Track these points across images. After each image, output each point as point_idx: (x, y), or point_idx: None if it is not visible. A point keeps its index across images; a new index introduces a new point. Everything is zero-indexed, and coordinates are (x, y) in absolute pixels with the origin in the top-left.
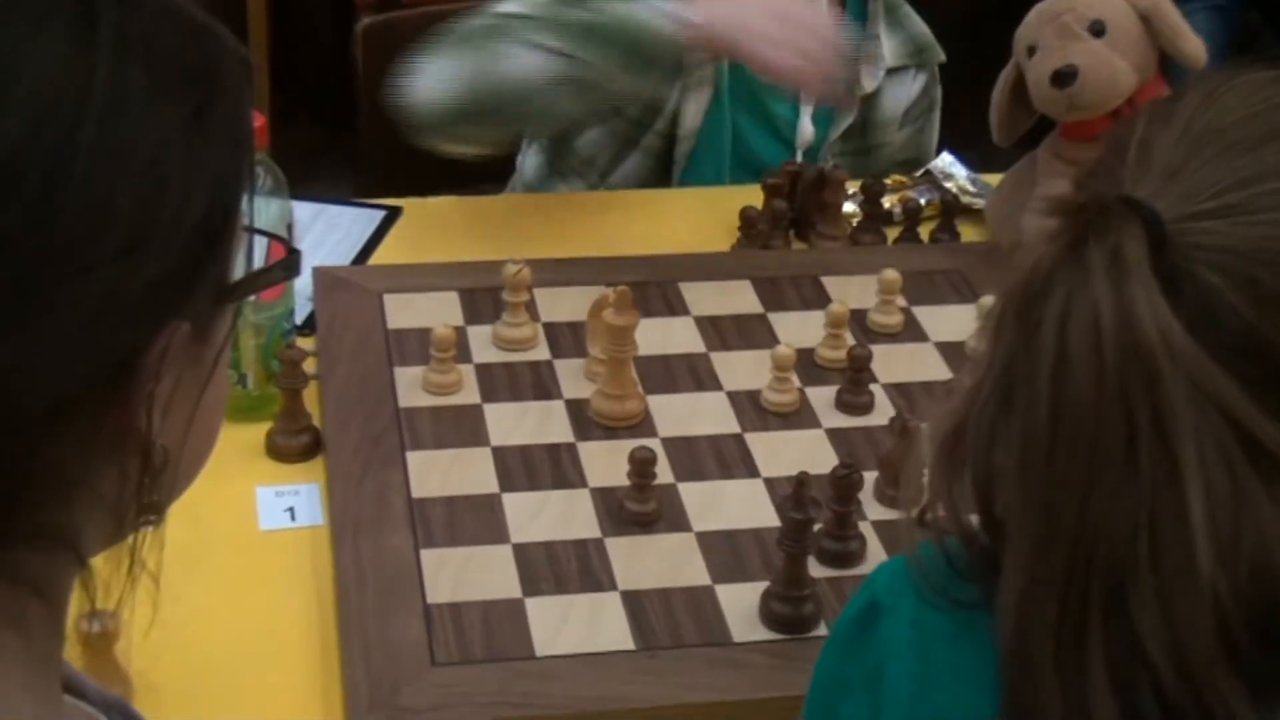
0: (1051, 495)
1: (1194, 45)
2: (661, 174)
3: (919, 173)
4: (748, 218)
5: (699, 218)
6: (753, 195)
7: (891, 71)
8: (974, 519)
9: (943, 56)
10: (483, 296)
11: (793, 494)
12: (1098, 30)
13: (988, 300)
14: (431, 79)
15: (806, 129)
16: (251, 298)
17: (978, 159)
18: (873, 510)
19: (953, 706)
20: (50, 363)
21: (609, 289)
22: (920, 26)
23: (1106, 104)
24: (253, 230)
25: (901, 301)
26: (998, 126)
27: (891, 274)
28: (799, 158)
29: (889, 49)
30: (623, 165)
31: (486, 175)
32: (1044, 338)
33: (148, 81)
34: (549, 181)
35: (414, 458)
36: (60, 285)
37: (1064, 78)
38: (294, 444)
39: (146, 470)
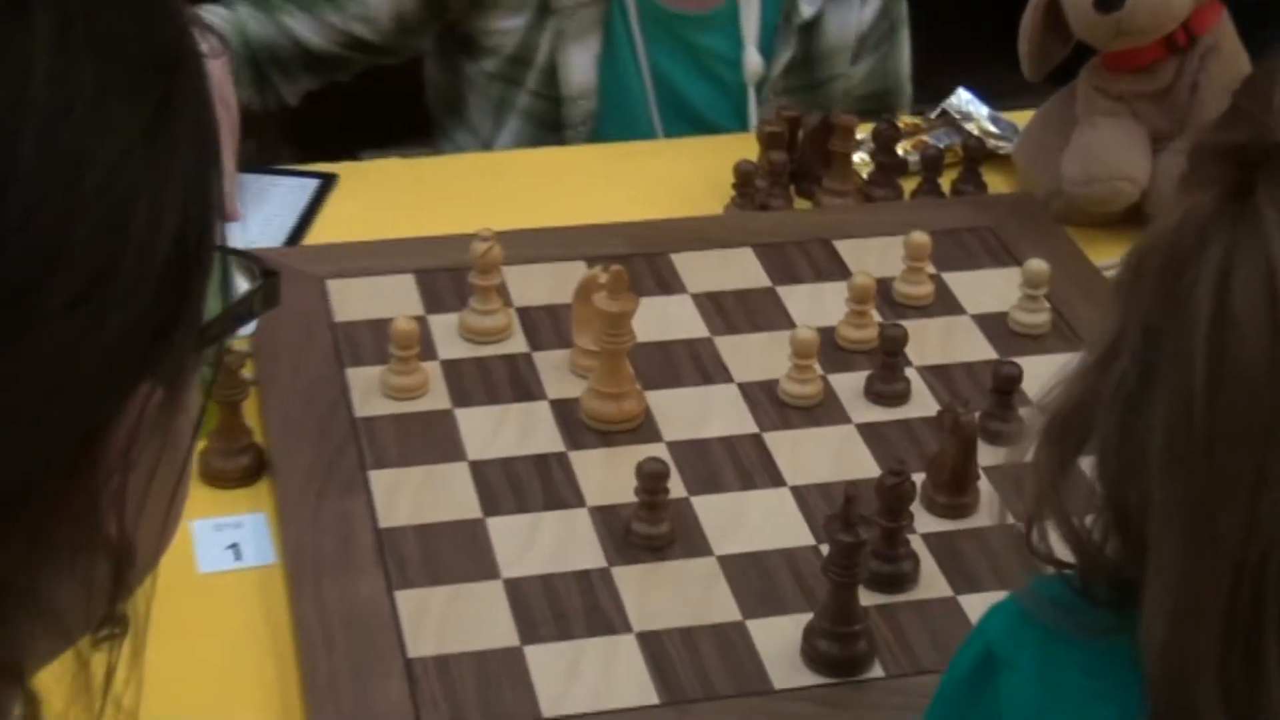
0: (1211, 488)
1: None
2: (553, 141)
3: (934, 114)
4: (743, 173)
5: (682, 176)
6: (744, 147)
7: None
8: (1091, 525)
9: None
10: (443, 278)
11: (841, 512)
12: None
13: (1035, 265)
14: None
15: (754, 61)
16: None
17: (992, 94)
18: (922, 522)
19: None
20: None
21: (597, 267)
22: None
23: (1160, 28)
24: (225, 250)
25: (930, 268)
26: (1028, 58)
27: (921, 237)
28: (751, 93)
29: None
30: (504, 131)
31: (408, 134)
32: (1199, 299)
33: (96, 75)
34: (443, 146)
35: (378, 478)
36: (4, 346)
37: (1111, 0)
38: (234, 466)
39: (118, 579)
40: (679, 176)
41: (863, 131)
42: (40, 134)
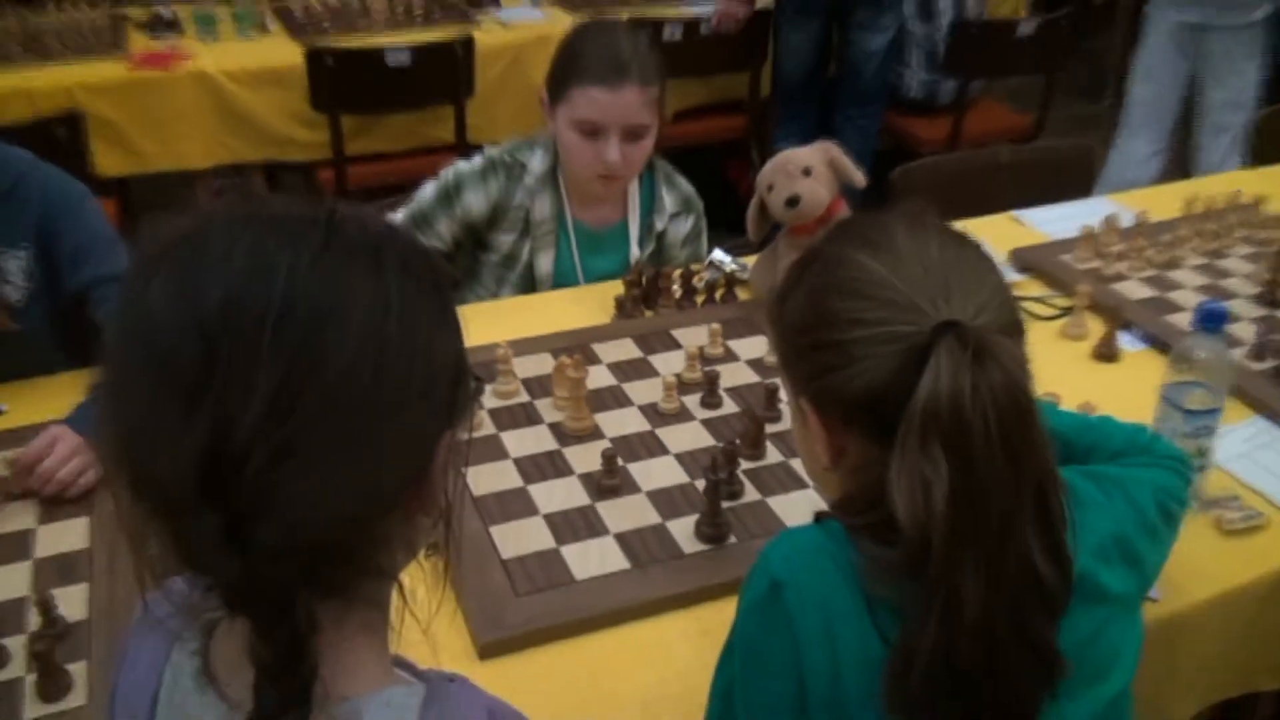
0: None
1: (858, 176)
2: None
3: (706, 264)
4: (619, 300)
5: (581, 306)
6: (615, 288)
7: (673, 216)
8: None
9: (701, 204)
10: (479, 370)
11: (711, 463)
12: (807, 172)
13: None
14: None
15: (635, 253)
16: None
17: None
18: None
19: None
20: (388, 476)
21: (562, 356)
22: (688, 187)
23: (816, 214)
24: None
25: (722, 339)
26: (753, 231)
27: (717, 325)
28: (632, 262)
29: (670, 202)
30: (500, 295)
31: None
32: None
33: (417, 291)
34: (467, 297)
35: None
36: (390, 423)
37: (793, 202)
38: None
39: (448, 525)
40: (587, 305)
41: (676, 275)
42: (399, 323)
